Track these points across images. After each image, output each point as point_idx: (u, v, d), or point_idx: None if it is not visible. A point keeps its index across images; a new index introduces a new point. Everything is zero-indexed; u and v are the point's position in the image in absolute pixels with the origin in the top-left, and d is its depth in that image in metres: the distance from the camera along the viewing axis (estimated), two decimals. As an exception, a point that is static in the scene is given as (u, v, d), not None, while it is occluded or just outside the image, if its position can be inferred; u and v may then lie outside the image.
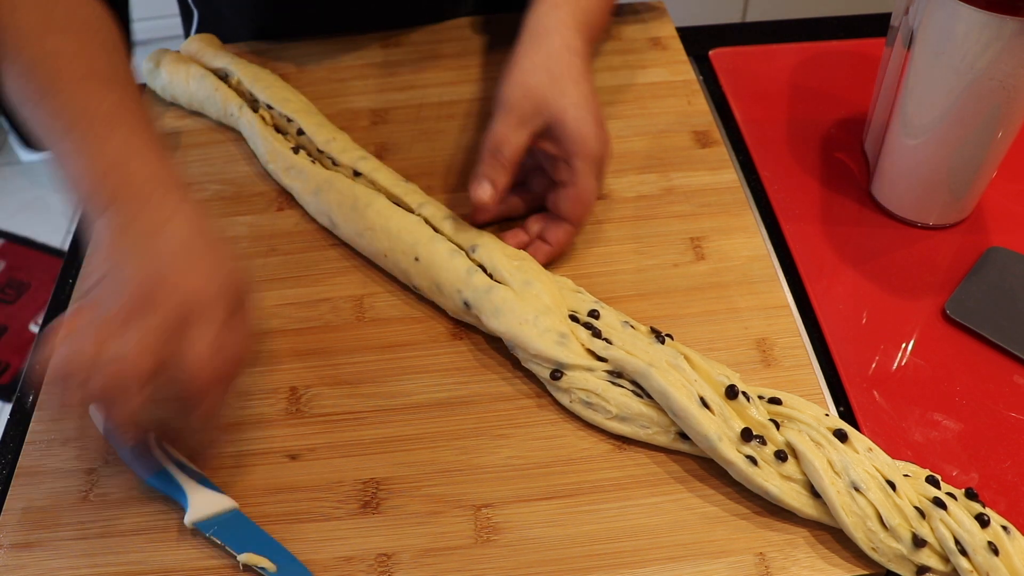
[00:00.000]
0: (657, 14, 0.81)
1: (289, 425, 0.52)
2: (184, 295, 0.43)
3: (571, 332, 0.52)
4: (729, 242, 0.61)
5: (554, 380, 0.51)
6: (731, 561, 0.46)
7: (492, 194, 0.56)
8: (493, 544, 0.47)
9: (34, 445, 0.52)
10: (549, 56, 0.56)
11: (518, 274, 0.54)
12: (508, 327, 0.52)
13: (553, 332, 0.51)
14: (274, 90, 0.69)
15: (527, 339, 0.51)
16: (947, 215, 0.62)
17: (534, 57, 0.56)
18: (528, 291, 0.53)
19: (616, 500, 0.48)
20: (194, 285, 0.43)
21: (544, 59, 0.56)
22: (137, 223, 0.46)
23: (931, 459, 0.50)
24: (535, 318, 0.52)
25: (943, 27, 0.52)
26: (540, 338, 0.51)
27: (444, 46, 0.79)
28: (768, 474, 0.47)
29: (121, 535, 0.48)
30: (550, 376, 0.51)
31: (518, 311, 0.52)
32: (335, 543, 0.47)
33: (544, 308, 0.53)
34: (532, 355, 0.52)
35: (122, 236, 0.45)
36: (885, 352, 0.55)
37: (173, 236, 0.45)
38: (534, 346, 0.51)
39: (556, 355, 0.51)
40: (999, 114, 0.54)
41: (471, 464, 0.50)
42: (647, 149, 0.68)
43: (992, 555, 0.42)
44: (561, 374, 0.51)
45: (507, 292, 0.53)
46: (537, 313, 0.52)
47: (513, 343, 0.53)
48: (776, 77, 0.75)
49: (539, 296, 0.53)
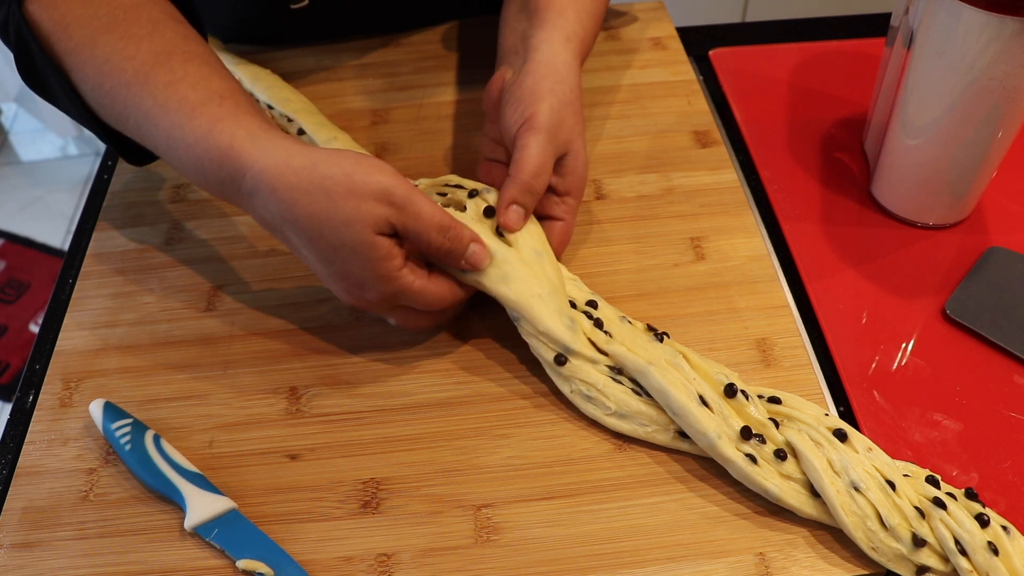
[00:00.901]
0: (657, 14, 0.81)
1: (289, 425, 0.52)
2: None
3: (577, 319, 0.52)
4: (729, 242, 0.61)
5: (558, 365, 0.51)
6: (731, 561, 0.46)
7: (522, 222, 0.54)
8: (493, 544, 0.47)
9: (34, 445, 0.52)
10: (571, 90, 0.56)
11: (529, 239, 0.53)
12: (518, 297, 0.51)
13: (564, 314, 0.51)
14: (275, 90, 0.69)
15: (538, 315, 0.51)
16: (947, 215, 0.62)
17: (560, 91, 0.55)
18: (538, 263, 0.53)
19: (616, 500, 0.48)
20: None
21: (568, 93, 0.56)
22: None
23: (931, 459, 0.50)
24: (548, 295, 0.51)
25: (943, 27, 0.52)
26: (551, 317, 0.51)
27: (444, 46, 0.79)
28: (768, 473, 0.47)
29: (121, 535, 0.48)
30: (554, 360, 0.51)
31: (530, 283, 0.51)
32: (335, 543, 0.47)
33: (552, 288, 0.52)
34: (540, 332, 0.51)
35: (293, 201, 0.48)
36: (885, 352, 0.55)
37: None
38: (544, 323, 0.50)
39: (566, 338, 0.50)
40: (999, 114, 0.54)
41: (471, 464, 0.50)
42: (647, 149, 0.68)
43: (992, 555, 0.42)
44: (566, 359, 0.50)
45: (515, 258, 0.52)
46: (547, 291, 0.51)
47: (520, 315, 0.51)
48: (776, 77, 0.75)
49: (547, 272, 0.52)
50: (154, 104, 0.50)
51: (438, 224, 0.49)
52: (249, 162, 0.48)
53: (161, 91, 0.50)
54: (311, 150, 0.48)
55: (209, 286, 0.60)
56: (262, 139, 0.48)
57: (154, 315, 0.59)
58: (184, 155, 0.50)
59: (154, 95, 0.50)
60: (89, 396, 0.54)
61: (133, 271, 0.62)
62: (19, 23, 0.51)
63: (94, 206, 0.68)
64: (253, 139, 0.48)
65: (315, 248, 0.49)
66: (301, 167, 0.47)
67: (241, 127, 0.49)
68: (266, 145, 0.48)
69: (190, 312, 0.59)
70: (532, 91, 0.55)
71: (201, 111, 0.49)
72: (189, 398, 0.54)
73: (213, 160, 0.48)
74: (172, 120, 0.49)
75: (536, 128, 0.54)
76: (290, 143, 0.48)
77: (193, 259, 0.62)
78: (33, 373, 0.57)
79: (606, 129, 0.70)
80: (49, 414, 0.54)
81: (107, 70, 0.51)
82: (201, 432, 0.52)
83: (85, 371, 0.56)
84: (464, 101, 0.73)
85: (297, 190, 0.47)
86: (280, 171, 0.47)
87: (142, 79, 0.50)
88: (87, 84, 0.52)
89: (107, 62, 0.51)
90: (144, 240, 0.64)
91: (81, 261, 0.63)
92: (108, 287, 0.61)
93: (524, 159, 0.53)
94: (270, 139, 0.48)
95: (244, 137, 0.48)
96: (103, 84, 0.51)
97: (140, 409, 0.53)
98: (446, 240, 0.50)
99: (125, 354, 0.57)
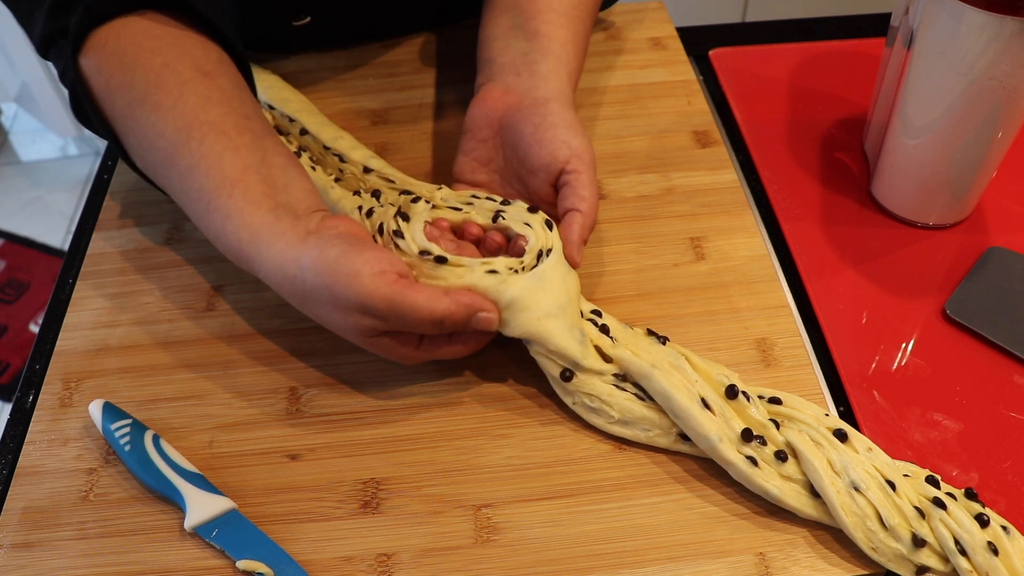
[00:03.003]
0: (657, 14, 0.81)
1: (289, 425, 0.52)
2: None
3: (585, 329, 0.51)
4: (729, 242, 0.61)
5: (564, 380, 0.50)
6: (731, 561, 0.46)
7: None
8: (493, 544, 0.47)
9: (34, 445, 0.52)
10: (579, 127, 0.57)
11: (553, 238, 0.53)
12: (527, 325, 0.49)
13: (575, 328, 0.50)
14: (275, 90, 0.69)
15: (548, 335, 0.49)
16: (947, 215, 0.62)
17: (583, 127, 0.57)
18: (555, 274, 0.51)
19: (616, 500, 0.48)
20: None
21: (579, 128, 0.57)
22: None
23: (931, 459, 0.50)
24: (560, 309, 0.50)
25: (943, 27, 0.52)
26: (561, 334, 0.49)
27: (444, 46, 0.79)
28: (768, 474, 0.47)
29: (121, 535, 0.48)
30: (560, 375, 0.50)
31: (541, 304, 0.49)
32: (335, 543, 0.47)
33: (568, 298, 0.50)
34: (551, 351, 0.50)
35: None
36: (885, 352, 0.55)
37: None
38: (555, 342, 0.49)
39: (576, 355, 0.49)
40: (999, 114, 0.54)
41: (471, 464, 0.50)
42: (647, 149, 0.68)
43: (992, 555, 0.42)
44: (572, 375, 0.50)
45: (522, 284, 0.50)
46: (563, 302, 0.50)
47: (531, 339, 0.50)
48: (776, 77, 0.75)
49: (567, 283, 0.51)
50: (181, 191, 0.52)
51: (429, 320, 0.47)
52: (256, 265, 0.50)
53: (183, 178, 0.52)
54: (301, 254, 0.48)
55: (209, 286, 0.60)
56: (263, 242, 0.49)
57: (154, 315, 0.59)
58: (213, 241, 0.52)
59: (180, 180, 0.52)
60: (89, 396, 0.54)
61: (133, 271, 0.62)
62: (74, 79, 0.53)
63: (94, 206, 0.68)
64: (255, 242, 0.49)
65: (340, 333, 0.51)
66: (293, 276, 0.48)
67: (245, 227, 0.49)
68: (265, 251, 0.49)
69: (190, 312, 0.59)
70: (568, 121, 0.56)
71: (214, 205, 0.50)
72: (189, 398, 0.54)
73: (233, 253, 0.51)
74: (195, 210, 0.52)
75: (589, 164, 0.55)
76: (285, 245, 0.48)
77: (193, 259, 0.62)
78: (33, 373, 0.57)
79: (606, 129, 0.70)
80: (49, 414, 0.54)
81: (145, 145, 0.53)
82: (201, 432, 0.52)
83: (85, 371, 0.56)
84: (464, 102, 0.73)
85: (296, 296, 0.49)
86: (278, 280, 0.49)
87: (169, 161, 0.52)
88: (133, 152, 0.55)
89: (144, 137, 0.53)
90: (144, 240, 0.64)
91: (81, 261, 0.63)
92: (108, 287, 0.61)
93: (589, 199, 0.54)
94: (270, 242, 0.49)
95: (248, 240, 0.49)
96: (144, 156, 0.54)
97: (140, 409, 0.53)
98: (444, 329, 0.49)
99: (125, 354, 0.57)
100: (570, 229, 0.53)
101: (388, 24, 0.79)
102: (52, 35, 0.54)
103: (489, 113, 0.58)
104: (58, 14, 0.53)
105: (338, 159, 0.63)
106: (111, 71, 0.53)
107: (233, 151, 0.51)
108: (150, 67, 0.52)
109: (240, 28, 0.75)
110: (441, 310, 0.47)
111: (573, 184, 0.54)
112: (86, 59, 0.53)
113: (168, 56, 0.53)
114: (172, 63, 0.53)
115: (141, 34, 0.53)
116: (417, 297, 0.47)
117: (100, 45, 0.53)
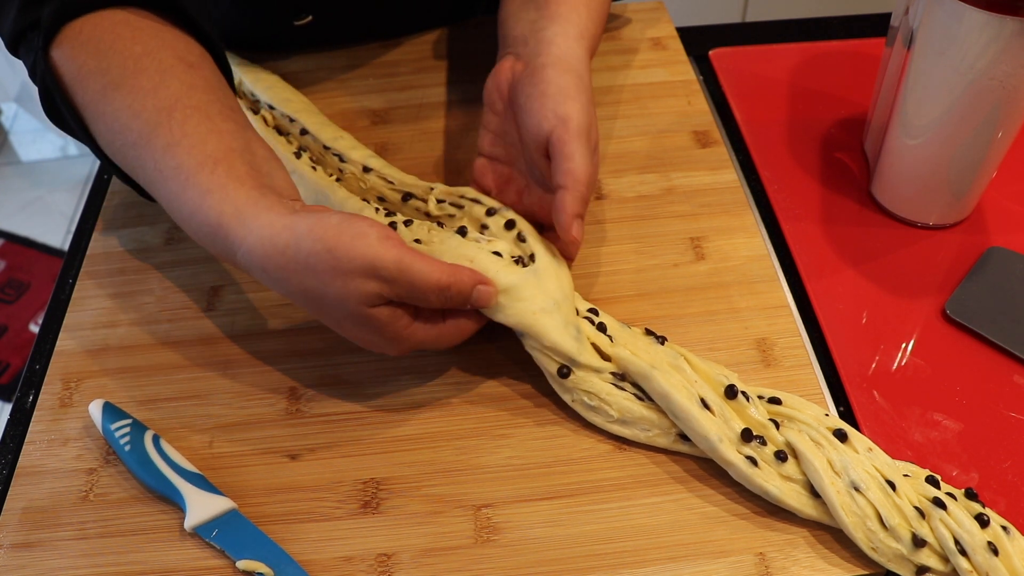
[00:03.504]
0: (657, 14, 0.81)
1: (289, 425, 0.52)
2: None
3: (581, 326, 0.51)
4: (729, 242, 0.61)
5: (562, 377, 0.50)
6: (731, 561, 0.46)
7: (582, 233, 0.53)
8: (493, 544, 0.47)
9: (34, 445, 0.52)
10: (590, 89, 0.55)
11: (544, 247, 0.53)
12: (521, 317, 0.50)
13: (570, 324, 0.50)
14: (275, 91, 0.69)
15: (543, 330, 0.49)
16: (947, 215, 0.62)
17: (584, 89, 0.54)
18: (551, 270, 0.51)
19: (616, 500, 0.48)
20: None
21: (590, 92, 0.54)
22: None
23: (931, 459, 0.50)
24: (554, 305, 0.50)
25: (943, 27, 0.52)
26: (557, 330, 0.49)
27: (444, 47, 0.79)
28: (768, 475, 0.47)
29: (121, 535, 0.48)
30: (557, 372, 0.50)
31: (536, 298, 0.50)
32: (335, 543, 0.47)
33: (563, 295, 0.51)
34: (546, 347, 0.50)
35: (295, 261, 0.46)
36: (885, 352, 0.55)
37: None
38: (550, 338, 0.49)
39: (572, 351, 0.49)
40: (999, 114, 0.54)
41: (471, 464, 0.50)
42: (647, 149, 0.68)
43: (992, 555, 0.42)
44: (569, 372, 0.50)
45: (522, 276, 0.50)
46: (558, 299, 0.50)
47: (525, 332, 0.50)
48: (776, 77, 0.75)
49: (560, 279, 0.51)
50: (155, 169, 0.49)
51: (435, 286, 0.46)
52: (237, 241, 0.47)
53: (160, 156, 0.49)
54: (295, 222, 0.46)
55: (209, 286, 0.60)
56: (248, 214, 0.47)
57: (154, 315, 0.59)
58: (183, 222, 0.49)
59: (155, 159, 0.49)
60: (89, 396, 0.54)
61: (133, 271, 0.62)
62: (44, 70, 0.51)
63: (94, 206, 0.68)
64: (239, 215, 0.47)
65: (321, 317, 0.49)
66: (286, 245, 0.45)
67: (228, 201, 0.47)
68: (251, 222, 0.46)
69: (190, 312, 0.59)
70: (560, 87, 0.53)
71: (193, 181, 0.48)
72: (189, 398, 0.54)
73: (207, 233, 0.48)
74: (169, 188, 0.49)
75: (576, 132, 0.52)
76: (275, 216, 0.46)
77: (193, 259, 0.62)
78: (33, 373, 0.57)
79: (606, 129, 0.70)
80: (49, 414, 0.54)
81: (116, 128, 0.50)
82: (201, 432, 0.52)
83: (85, 371, 0.56)
84: (464, 101, 0.73)
85: (285, 269, 0.46)
86: (266, 252, 0.46)
87: (144, 141, 0.49)
88: (101, 138, 0.52)
89: (116, 120, 0.50)
90: (144, 240, 0.64)
91: (81, 261, 0.63)
92: (108, 287, 0.61)
93: (576, 170, 0.51)
94: (256, 214, 0.46)
95: (231, 214, 0.47)
96: (114, 141, 0.51)
97: (140, 409, 0.53)
98: (447, 299, 0.48)
99: (125, 354, 0.57)
100: (560, 211, 0.51)
101: (389, 24, 0.79)
102: (23, 30, 0.52)
103: (500, 85, 0.57)
104: (31, 9, 0.51)
105: (338, 159, 0.63)
106: (84, 58, 0.50)
107: (217, 134, 0.49)
108: (129, 54, 0.50)
109: (241, 28, 0.75)
110: (448, 276, 0.47)
111: (556, 156, 0.52)
112: (58, 50, 0.51)
113: (149, 45, 0.51)
114: (153, 52, 0.51)
115: (120, 24, 0.51)
116: (424, 262, 0.46)
117: (74, 35, 0.51)
